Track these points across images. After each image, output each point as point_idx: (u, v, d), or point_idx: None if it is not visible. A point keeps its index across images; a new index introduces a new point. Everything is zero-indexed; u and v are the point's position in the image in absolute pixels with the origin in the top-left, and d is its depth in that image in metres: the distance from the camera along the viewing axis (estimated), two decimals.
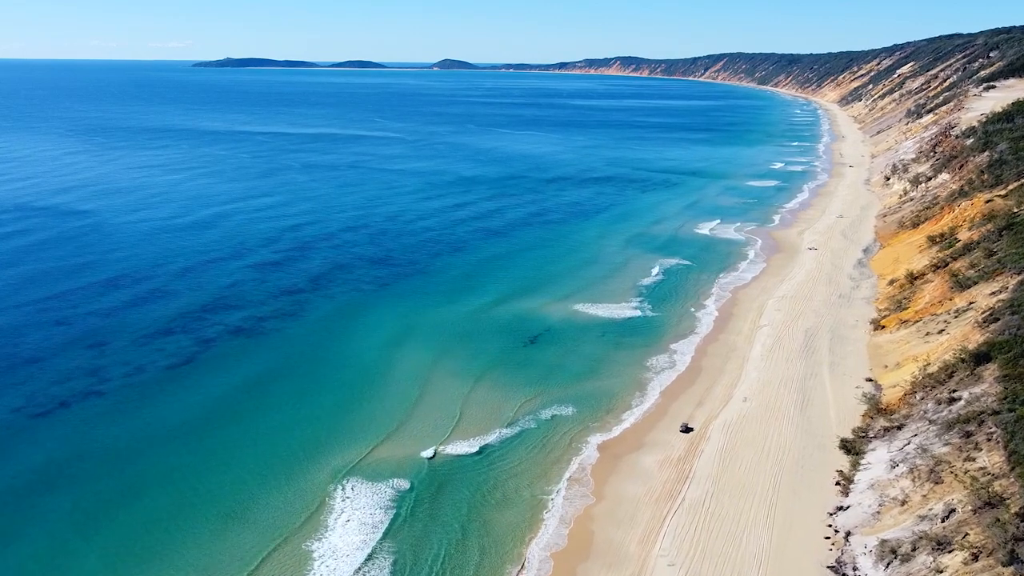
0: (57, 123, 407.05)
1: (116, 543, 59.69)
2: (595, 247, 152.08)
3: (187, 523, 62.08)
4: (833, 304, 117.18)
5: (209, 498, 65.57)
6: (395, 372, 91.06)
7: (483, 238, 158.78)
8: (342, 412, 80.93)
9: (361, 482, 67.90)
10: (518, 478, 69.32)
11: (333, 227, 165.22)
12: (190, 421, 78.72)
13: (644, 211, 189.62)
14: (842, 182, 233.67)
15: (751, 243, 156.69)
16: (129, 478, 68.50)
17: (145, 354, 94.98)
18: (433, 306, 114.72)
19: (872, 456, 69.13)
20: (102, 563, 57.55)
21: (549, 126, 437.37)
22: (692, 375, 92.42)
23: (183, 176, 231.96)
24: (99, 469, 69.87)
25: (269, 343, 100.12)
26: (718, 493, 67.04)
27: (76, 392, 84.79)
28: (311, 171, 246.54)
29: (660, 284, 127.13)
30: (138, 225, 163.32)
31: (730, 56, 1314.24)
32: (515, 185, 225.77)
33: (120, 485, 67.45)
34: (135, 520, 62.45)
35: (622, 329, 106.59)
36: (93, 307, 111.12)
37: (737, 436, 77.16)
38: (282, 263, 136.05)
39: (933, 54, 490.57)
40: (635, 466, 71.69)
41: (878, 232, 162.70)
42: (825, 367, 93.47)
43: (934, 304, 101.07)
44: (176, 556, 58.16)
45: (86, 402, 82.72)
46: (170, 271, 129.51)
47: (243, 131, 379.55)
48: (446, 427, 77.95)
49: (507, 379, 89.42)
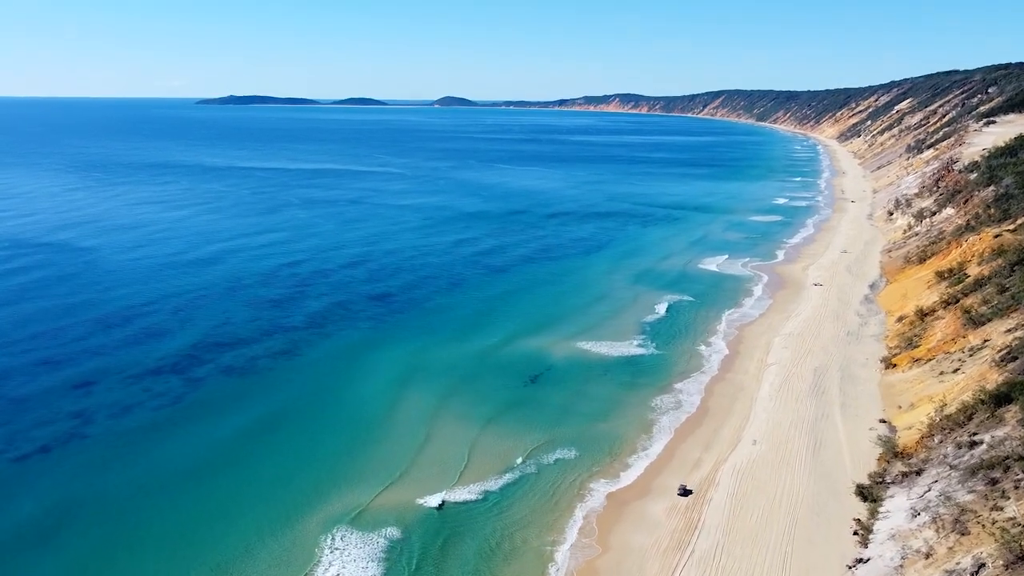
0: (57, 159, 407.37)
1: None
2: (598, 283, 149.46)
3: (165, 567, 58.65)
4: (841, 341, 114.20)
5: (197, 552, 62.05)
6: (393, 415, 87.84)
7: (484, 275, 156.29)
8: (335, 458, 77.54)
9: (359, 534, 64.41)
10: (521, 528, 65.81)
11: (332, 264, 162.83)
12: (176, 468, 75.37)
13: (647, 247, 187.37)
14: (845, 217, 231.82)
15: (756, 279, 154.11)
16: (110, 530, 65.08)
17: (132, 395, 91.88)
18: (433, 345, 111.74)
19: (891, 503, 65.66)
20: None
21: (550, 161, 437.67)
22: (699, 416, 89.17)
23: (181, 212, 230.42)
24: (78, 520, 66.48)
25: (262, 384, 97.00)
26: (729, 544, 63.55)
27: (58, 435, 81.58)
28: (311, 207, 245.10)
29: (664, 321, 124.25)
30: (133, 262, 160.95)
31: (728, 93, 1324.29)
32: (516, 221, 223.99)
33: (100, 538, 64.04)
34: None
35: (627, 368, 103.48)
36: (82, 346, 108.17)
37: (747, 481, 73.76)
38: (278, 300, 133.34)
39: (931, 90, 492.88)
40: (642, 514, 68.24)
41: (884, 267, 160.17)
42: (836, 408, 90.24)
43: (947, 342, 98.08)
44: None
45: (68, 446, 79.49)
46: (163, 309, 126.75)
47: (243, 167, 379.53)
48: (448, 474, 74.48)
49: (509, 421, 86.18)
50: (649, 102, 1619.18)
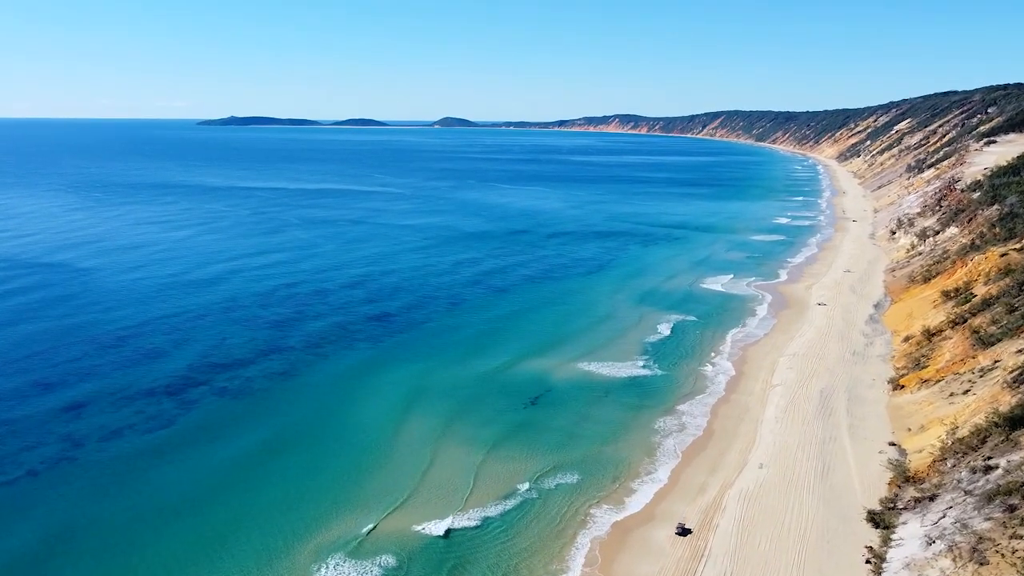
0: (56, 179, 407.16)
1: None
2: (600, 304, 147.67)
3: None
4: (847, 362, 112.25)
5: (173, 565, 59.95)
6: (392, 439, 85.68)
7: (485, 295, 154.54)
8: (332, 484, 75.36)
9: (356, 563, 62.17)
10: (522, 557, 63.56)
11: (330, 284, 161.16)
12: (168, 493, 73.20)
13: (648, 267, 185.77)
14: (847, 236, 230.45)
15: (759, 298, 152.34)
16: (99, 558, 62.87)
17: (124, 417, 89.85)
18: (433, 367, 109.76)
19: (904, 531, 63.50)
20: None
21: (550, 181, 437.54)
22: (704, 439, 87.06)
23: (179, 233, 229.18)
24: (66, 547, 64.28)
25: (258, 406, 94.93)
26: (737, 573, 61.32)
27: (47, 459, 79.51)
28: (310, 227, 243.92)
29: (668, 341, 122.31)
30: (129, 282, 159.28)
31: (728, 114, 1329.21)
32: (517, 241, 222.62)
33: (89, 566, 61.83)
34: None
35: (630, 389, 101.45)
36: (74, 367, 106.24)
37: (755, 507, 71.58)
38: (276, 321, 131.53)
39: (930, 111, 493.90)
40: (646, 542, 66.02)
41: (888, 287, 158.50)
42: (844, 430, 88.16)
43: (956, 362, 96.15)
44: None
45: (56, 470, 77.40)
46: (158, 330, 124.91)
47: (243, 187, 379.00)
48: (448, 500, 72.24)
49: (510, 445, 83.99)
50: (649, 122, 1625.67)
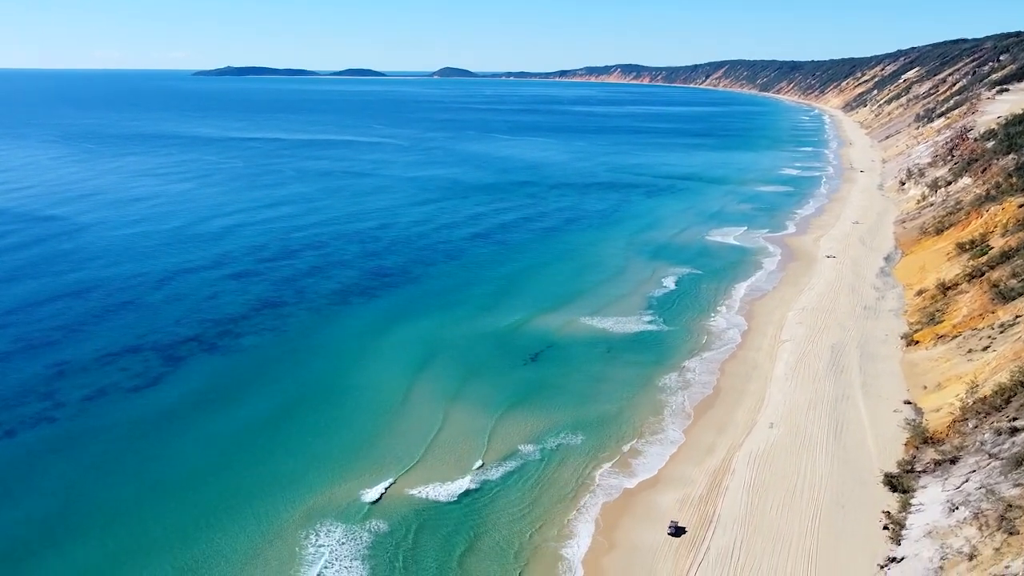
0: (48, 131, 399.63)
1: None
2: (601, 256, 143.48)
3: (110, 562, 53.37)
4: (859, 316, 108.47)
5: (165, 545, 56.79)
6: (384, 398, 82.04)
7: (481, 247, 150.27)
8: (318, 443, 72.01)
9: (338, 527, 59.04)
10: (522, 522, 60.38)
11: (322, 234, 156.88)
12: (149, 453, 69.93)
13: (652, 219, 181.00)
14: (855, 187, 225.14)
15: (766, 251, 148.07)
16: (76, 524, 59.78)
17: (108, 374, 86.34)
18: (428, 321, 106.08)
19: (924, 495, 60.26)
20: None
21: (551, 132, 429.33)
22: (711, 397, 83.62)
23: (173, 185, 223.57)
24: (42, 510, 61.19)
25: (248, 365, 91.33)
26: (748, 540, 58.20)
27: (26, 418, 76.12)
28: (306, 179, 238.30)
29: (671, 295, 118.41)
30: (118, 236, 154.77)
31: (731, 63, 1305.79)
32: (517, 193, 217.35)
33: (63, 532, 58.78)
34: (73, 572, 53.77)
35: (634, 346, 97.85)
36: (58, 321, 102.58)
37: (765, 469, 68.34)
38: (268, 276, 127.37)
39: (939, 59, 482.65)
40: (651, 506, 62.86)
41: (898, 239, 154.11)
42: (857, 388, 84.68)
43: (974, 317, 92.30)
44: None
45: (35, 430, 74.05)
46: (146, 282, 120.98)
47: (237, 137, 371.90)
48: (445, 463, 68.82)
49: (509, 405, 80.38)
50: (651, 73, 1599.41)
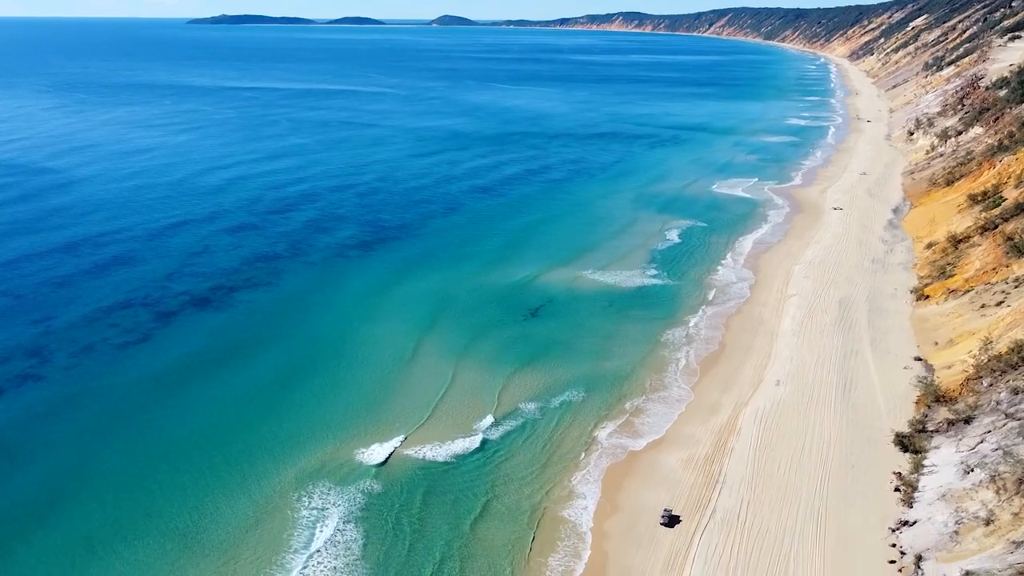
0: (38, 79, 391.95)
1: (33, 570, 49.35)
2: (603, 208, 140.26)
3: (127, 544, 51.53)
4: (867, 270, 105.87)
5: (156, 512, 54.95)
6: (380, 354, 79.86)
7: (480, 199, 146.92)
8: (312, 400, 69.98)
9: (342, 490, 57.09)
10: (520, 483, 58.57)
11: (319, 187, 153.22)
12: (139, 412, 67.87)
13: (654, 169, 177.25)
14: (861, 138, 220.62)
15: (771, 203, 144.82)
16: (61, 484, 57.99)
17: (96, 331, 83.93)
18: (424, 274, 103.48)
19: (937, 456, 58.34)
20: None
21: (551, 82, 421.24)
22: (716, 354, 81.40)
23: (162, 134, 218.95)
24: (25, 472, 59.36)
25: (238, 317, 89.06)
26: (755, 502, 56.44)
27: (11, 376, 73.89)
28: (300, 129, 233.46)
29: (675, 248, 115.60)
30: (107, 185, 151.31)
31: (735, 11, 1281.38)
32: (516, 143, 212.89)
33: (49, 492, 57.01)
34: (60, 540, 52.03)
35: (635, 300, 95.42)
36: (45, 276, 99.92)
37: (772, 428, 66.41)
38: (260, 227, 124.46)
39: (948, 5, 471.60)
40: (655, 467, 61.02)
41: (907, 190, 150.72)
42: (866, 344, 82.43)
43: (987, 272, 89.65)
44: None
45: (22, 388, 71.89)
46: (136, 235, 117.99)
47: (231, 87, 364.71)
48: (443, 420, 66.93)
49: (508, 361, 78.13)
50: (653, 21, 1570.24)
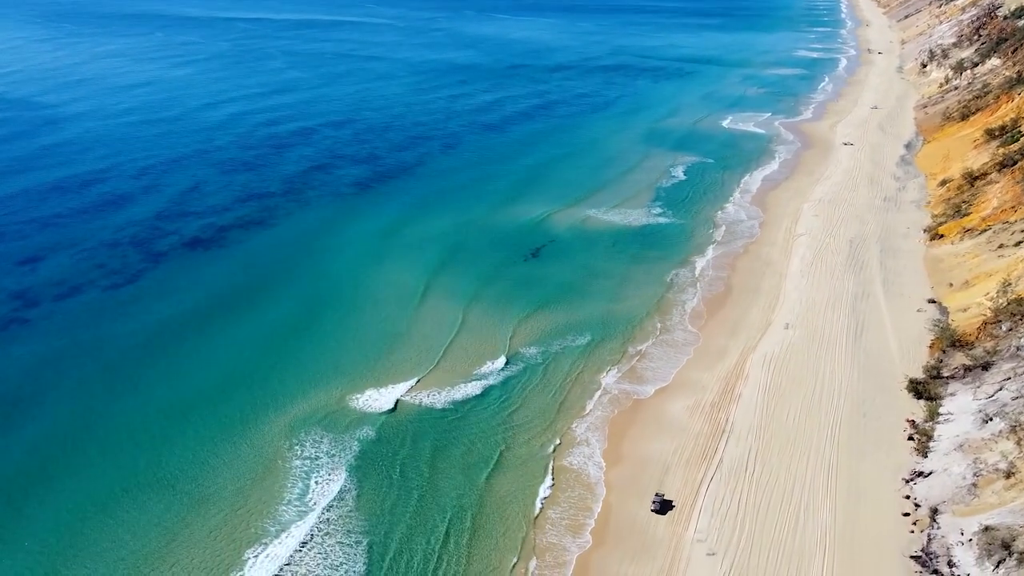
0: (25, 9, 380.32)
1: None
2: (606, 143, 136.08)
3: (106, 488, 49.96)
4: (878, 209, 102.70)
5: (140, 457, 53.32)
6: (377, 295, 77.55)
7: (481, 136, 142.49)
8: (310, 345, 67.88)
9: (338, 437, 55.44)
10: (522, 430, 56.80)
11: (313, 122, 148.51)
12: (127, 356, 65.84)
13: (658, 103, 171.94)
14: (872, 70, 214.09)
15: (779, 138, 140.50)
16: (48, 429, 56.30)
17: (84, 271, 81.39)
18: (423, 213, 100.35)
19: (953, 404, 56.37)
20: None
21: (552, 11, 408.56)
22: (722, 295, 78.94)
23: (152, 67, 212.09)
24: (10, 416, 57.58)
25: (230, 257, 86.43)
26: (763, 451, 54.64)
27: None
28: (293, 61, 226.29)
29: (682, 186, 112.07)
30: (95, 120, 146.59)
31: None
32: (516, 75, 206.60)
33: (35, 438, 55.33)
34: (58, 495, 50.46)
35: (643, 240, 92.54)
36: (32, 214, 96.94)
37: (781, 374, 64.32)
38: (254, 164, 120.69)
39: None
40: (660, 414, 59.09)
41: (919, 125, 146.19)
42: (878, 285, 79.89)
43: (1005, 210, 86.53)
44: (95, 534, 46.37)
45: (6, 332, 69.71)
46: (125, 172, 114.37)
47: (224, 17, 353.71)
48: (443, 365, 64.92)
49: (508, 304, 75.71)
50: None
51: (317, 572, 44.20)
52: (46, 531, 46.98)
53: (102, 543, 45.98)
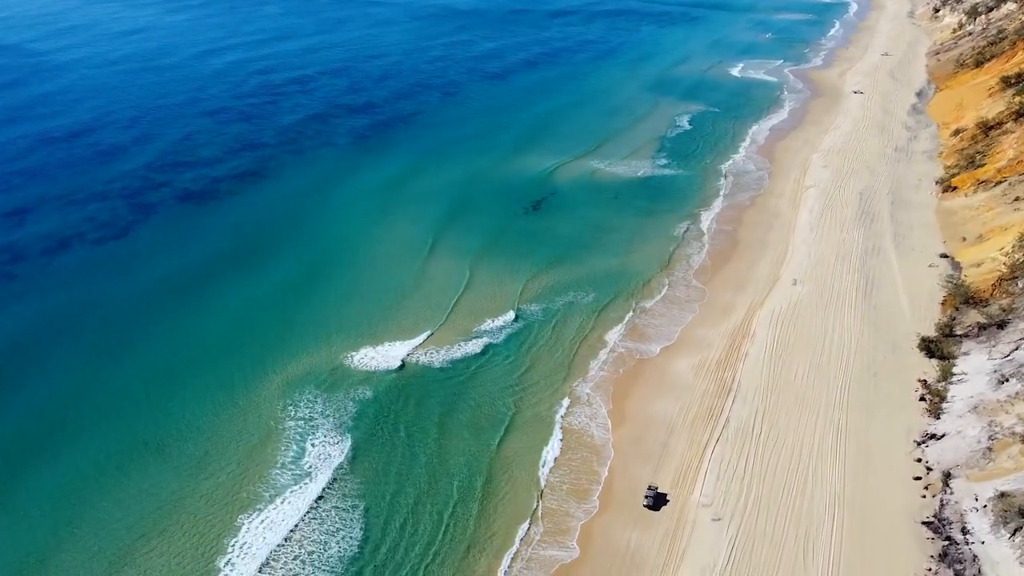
0: None
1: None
2: (610, 92, 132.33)
3: (94, 452, 48.71)
4: (889, 159, 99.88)
5: (129, 420, 51.98)
6: (382, 251, 75.37)
7: (481, 84, 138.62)
8: (311, 302, 66.02)
9: (331, 396, 54.00)
10: (523, 390, 55.23)
11: (309, 71, 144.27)
12: (115, 315, 64.07)
13: (664, 50, 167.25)
14: (883, 15, 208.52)
15: (787, 86, 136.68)
16: (32, 390, 54.82)
17: (72, 225, 79.18)
18: (422, 165, 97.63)
19: (967, 363, 54.65)
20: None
21: None
22: (728, 249, 76.80)
23: (143, 11, 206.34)
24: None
25: (223, 211, 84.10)
26: (770, 411, 53.09)
27: None
28: (290, 6, 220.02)
29: (686, 136, 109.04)
30: (83, 68, 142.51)
31: None
32: (516, 21, 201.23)
33: (16, 397, 53.88)
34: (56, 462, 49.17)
35: (645, 191, 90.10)
36: (18, 166, 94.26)
37: (789, 331, 62.54)
38: (247, 114, 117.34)
39: None
40: (664, 373, 57.46)
41: (931, 72, 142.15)
42: (888, 239, 77.68)
43: (1021, 161, 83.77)
44: (97, 498, 45.21)
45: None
46: (114, 121, 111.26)
47: None
48: (443, 323, 63.06)
49: (510, 259, 73.59)
50: None
51: (323, 535, 43.06)
52: (44, 496, 45.87)
53: (102, 508, 44.82)
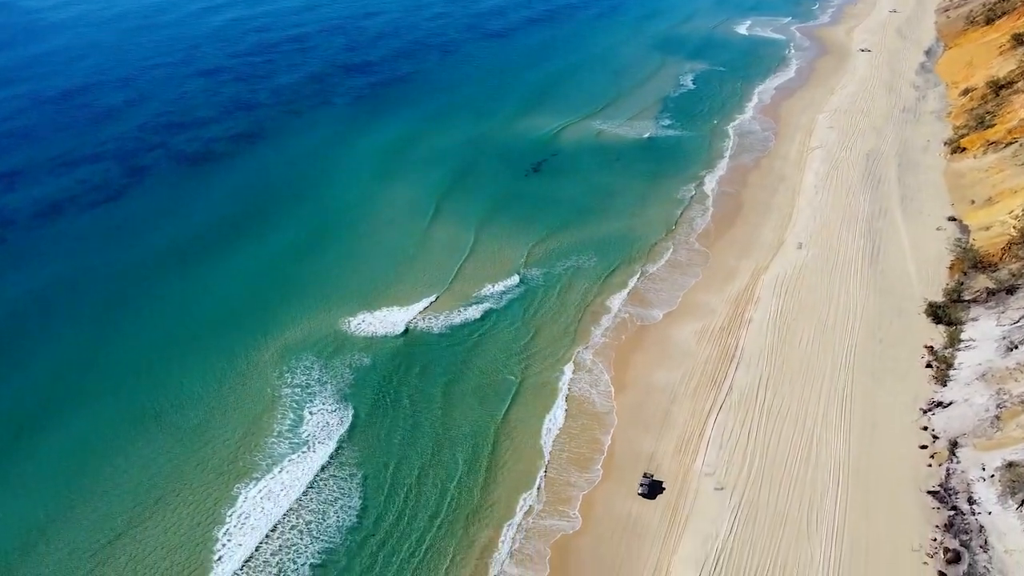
0: None
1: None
2: (614, 51, 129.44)
3: (134, 439, 48.11)
4: (896, 120, 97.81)
5: (125, 389, 51.35)
6: (384, 215, 74.22)
7: (481, 43, 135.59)
8: (313, 269, 65.14)
9: (328, 364, 53.34)
10: (527, 357, 54.48)
11: (305, 29, 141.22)
12: (111, 281, 63.22)
13: (669, 6, 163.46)
14: None
15: (792, 44, 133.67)
16: (21, 357, 54.11)
17: (63, 187, 77.87)
18: (423, 128, 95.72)
19: (975, 329, 53.72)
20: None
21: None
22: (732, 212, 75.42)
23: None
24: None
25: (220, 173, 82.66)
26: (774, 378, 52.32)
27: None
28: None
29: (690, 96, 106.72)
30: (73, 25, 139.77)
31: None
32: None
33: (6, 363, 53.19)
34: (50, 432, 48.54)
35: (648, 153, 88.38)
36: (7, 126, 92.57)
37: (793, 296, 61.54)
38: (243, 73, 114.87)
39: None
40: (667, 339, 56.56)
41: (940, 30, 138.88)
42: (895, 202, 76.22)
43: None
44: (93, 469, 44.69)
45: None
46: (107, 80, 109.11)
47: None
48: (443, 289, 62.21)
49: (515, 221, 72.56)
50: None
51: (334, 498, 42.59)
52: (45, 465, 45.60)
53: (103, 475, 44.32)
